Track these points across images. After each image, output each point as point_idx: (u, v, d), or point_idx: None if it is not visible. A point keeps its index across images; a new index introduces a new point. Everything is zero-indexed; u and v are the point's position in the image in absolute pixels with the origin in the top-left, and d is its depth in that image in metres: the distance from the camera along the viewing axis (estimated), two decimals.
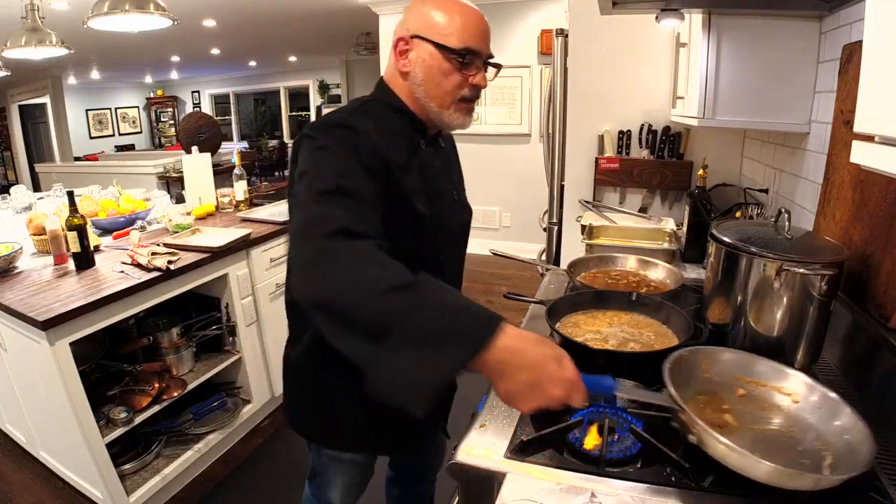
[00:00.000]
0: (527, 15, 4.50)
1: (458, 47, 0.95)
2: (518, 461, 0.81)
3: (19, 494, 2.02)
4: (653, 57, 2.07)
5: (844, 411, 0.79)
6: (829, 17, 1.31)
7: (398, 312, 0.66)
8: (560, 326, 1.16)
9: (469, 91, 0.99)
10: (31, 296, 1.74)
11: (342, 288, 0.68)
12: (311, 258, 0.72)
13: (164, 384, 2.02)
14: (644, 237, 1.88)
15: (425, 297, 0.68)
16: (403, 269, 0.70)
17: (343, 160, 0.85)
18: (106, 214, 2.56)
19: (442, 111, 1.00)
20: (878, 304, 0.97)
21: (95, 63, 8.09)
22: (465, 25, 0.96)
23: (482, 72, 1.00)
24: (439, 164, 1.08)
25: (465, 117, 1.02)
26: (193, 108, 11.59)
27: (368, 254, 0.72)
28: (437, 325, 0.65)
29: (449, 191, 1.11)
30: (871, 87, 0.61)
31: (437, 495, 1.82)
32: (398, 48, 0.99)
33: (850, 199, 1.12)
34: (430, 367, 0.64)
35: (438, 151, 1.10)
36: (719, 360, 0.93)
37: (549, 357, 0.69)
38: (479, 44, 0.97)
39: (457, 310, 0.68)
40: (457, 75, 0.97)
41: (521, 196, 4.85)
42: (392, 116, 1.01)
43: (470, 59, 0.96)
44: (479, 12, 1.00)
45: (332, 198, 0.78)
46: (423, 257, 0.97)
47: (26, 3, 2.82)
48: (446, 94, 0.98)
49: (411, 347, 0.64)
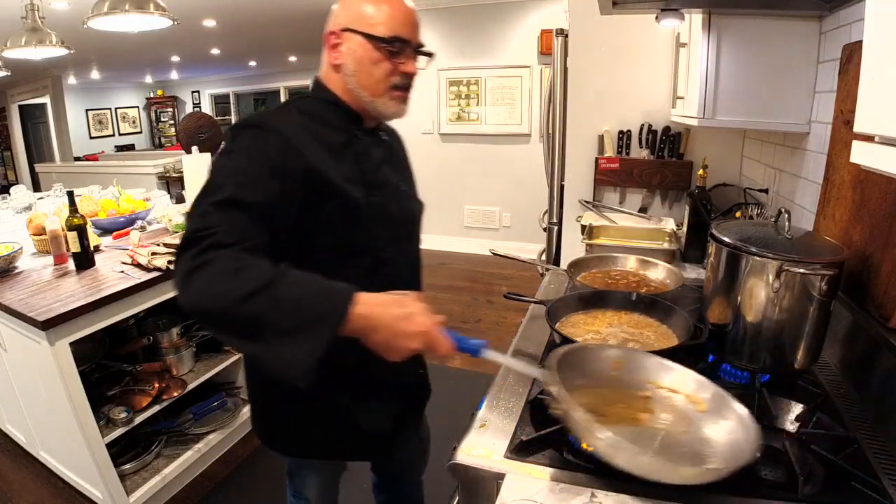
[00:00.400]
0: (527, 15, 4.50)
1: (386, 36, 0.97)
2: (518, 461, 0.81)
3: (19, 494, 2.02)
4: (653, 57, 2.07)
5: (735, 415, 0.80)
6: (829, 17, 1.31)
7: (261, 314, 0.74)
8: (560, 326, 1.16)
9: (400, 79, 1.01)
10: (31, 296, 1.74)
11: (209, 301, 0.76)
12: (184, 273, 0.77)
13: (164, 384, 2.02)
14: (644, 237, 1.88)
15: (281, 294, 0.75)
16: (261, 270, 0.76)
17: (246, 167, 0.87)
18: (106, 214, 2.56)
19: (375, 100, 1.01)
20: (878, 304, 0.97)
21: (95, 63, 8.09)
22: (393, 15, 0.98)
23: (412, 60, 1.02)
24: (380, 155, 1.09)
25: (399, 105, 1.03)
26: (193, 108, 11.59)
27: (229, 263, 0.76)
28: (297, 316, 0.75)
29: (393, 181, 1.11)
30: (871, 87, 0.61)
31: (437, 495, 1.81)
32: (329, 42, 1.01)
33: (850, 199, 1.12)
34: (304, 349, 0.74)
35: (379, 143, 1.11)
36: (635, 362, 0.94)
37: (398, 317, 0.78)
38: (407, 32, 0.99)
39: (312, 296, 0.76)
40: (387, 63, 0.99)
41: (521, 196, 4.85)
42: (325, 109, 1.03)
43: (399, 47, 0.98)
44: (407, 2, 1.01)
45: (219, 210, 0.82)
46: (365, 250, 1.02)
47: (26, 3, 2.82)
48: (378, 82, 0.99)
49: (283, 338, 0.74)
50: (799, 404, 0.91)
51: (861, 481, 0.73)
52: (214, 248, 0.77)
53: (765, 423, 0.87)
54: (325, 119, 1.01)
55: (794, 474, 0.73)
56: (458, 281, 4.38)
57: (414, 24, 1.01)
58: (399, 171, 1.16)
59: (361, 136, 1.05)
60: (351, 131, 1.04)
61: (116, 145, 10.89)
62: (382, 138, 1.12)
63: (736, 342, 1.02)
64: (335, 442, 1.12)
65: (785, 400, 0.93)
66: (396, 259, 1.09)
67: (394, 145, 1.18)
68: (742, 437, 0.76)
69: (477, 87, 4.81)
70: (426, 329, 0.79)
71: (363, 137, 1.05)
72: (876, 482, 0.74)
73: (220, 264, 0.76)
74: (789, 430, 0.86)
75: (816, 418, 0.88)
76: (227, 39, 6.71)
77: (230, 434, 2.30)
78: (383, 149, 1.11)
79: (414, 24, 1.01)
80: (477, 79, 4.78)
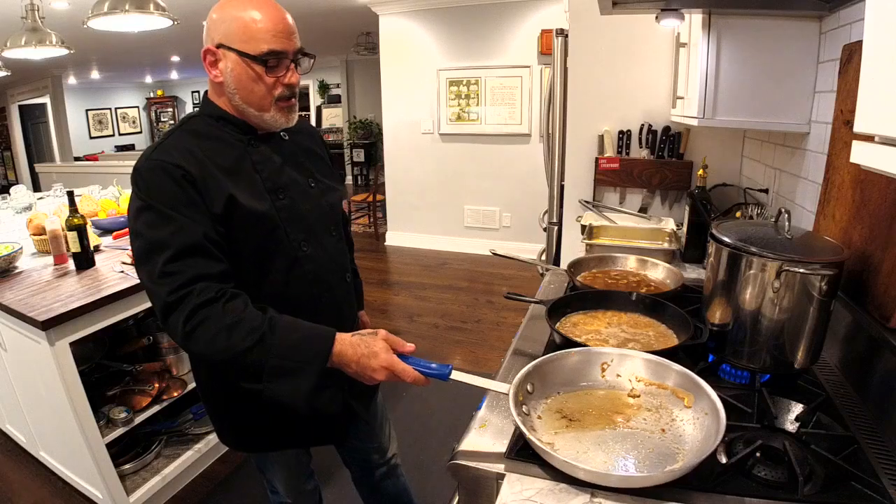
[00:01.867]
0: (527, 15, 4.50)
1: (261, 52, 0.96)
2: (518, 461, 0.81)
3: (19, 494, 2.02)
4: (653, 57, 2.07)
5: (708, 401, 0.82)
6: (829, 17, 1.31)
7: (260, 363, 0.90)
8: (560, 326, 1.16)
9: (283, 91, 1.01)
10: (31, 296, 1.74)
11: (213, 355, 0.91)
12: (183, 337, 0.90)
13: (164, 384, 2.02)
14: (644, 237, 1.88)
15: (274, 344, 0.90)
16: (252, 325, 0.90)
17: (170, 212, 0.92)
18: (106, 214, 2.56)
19: (262, 114, 1.02)
20: (878, 304, 0.97)
21: (95, 63, 8.09)
22: (265, 28, 0.96)
23: (292, 69, 1.01)
24: (281, 158, 1.09)
25: (288, 115, 1.05)
26: (193, 108, 11.59)
27: (222, 321, 0.89)
28: (291, 360, 0.90)
29: (300, 180, 1.11)
30: (871, 87, 0.61)
31: (437, 495, 1.81)
32: (207, 60, 1.00)
33: (850, 199, 1.12)
34: (298, 385, 0.91)
35: (279, 145, 1.10)
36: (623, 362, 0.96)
37: (362, 355, 0.91)
38: (282, 44, 0.97)
39: (300, 342, 0.91)
40: (267, 79, 0.99)
41: (521, 196, 4.85)
42: (214, 126, 1.04)
43: (275, 61, 0.98)
44: (279, 9, 0.99)
45: (176, 264, 0.90)
46: (281, 252, 1.06)
47: (26, 3, 2.82)
48: (261, 98, 1.00)
49: (281, 378, 0.90)
50: (799, 404, 0.91)
51: (861, 481, 0.73)
52: (200, 309, 0.88)
53: (765, 422, 0.87)
54: (219, 136, 1.03)
55: (794, 474, 0.73)
56: (459, 281, 4.38)
57: (286, 33, 0.99)
58: (306, 168, 1.15)
59: (256, 144, 1.06)
60: (245, 143, 1.04)
61: (116, 145, 10.90)
62: (283, 138, 1.12)
63: (736, 342, 1.02)
64: (281, 432, 1.17)
65: (785, 400, 0.93)
66: (314, 255, 1.11)
67: (299, 141, 1.17)
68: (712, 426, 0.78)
69: (477, 87, 4.81)
70: (386, 365, 0.90)
71: (258, 146, 1.06)
72: (876, 482, 0.73)
73: (214, 324, 0.88)
74: (789, 430, 0.86)
75: (816, 418, 0.88)
76: None
77: None
78: (284, 150, 1.11)
79: (286, 33, 0.99)
80: (477, 79, 4.78)
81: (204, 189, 0.95)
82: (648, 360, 0.95)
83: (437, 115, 4.99)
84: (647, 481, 0.72)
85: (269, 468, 1.31)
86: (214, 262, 0.93)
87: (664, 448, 0.80)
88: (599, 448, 0.80)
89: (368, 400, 1.33)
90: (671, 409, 0.88)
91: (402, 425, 2.42)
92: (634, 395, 0.92)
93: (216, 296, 0.90)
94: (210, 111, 1.05)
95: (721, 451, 0.80)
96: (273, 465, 1.30)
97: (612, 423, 0.86)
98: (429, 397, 2.64)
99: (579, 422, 0.86)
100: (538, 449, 0.76)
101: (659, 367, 0.93)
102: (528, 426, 0.82)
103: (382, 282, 4.45)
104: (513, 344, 1.24)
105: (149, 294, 0.94)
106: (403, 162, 5.21)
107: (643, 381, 0.94)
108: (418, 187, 5.21)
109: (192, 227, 0.92)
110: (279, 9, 1.00)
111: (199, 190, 0.94)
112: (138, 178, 0.95)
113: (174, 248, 0.90)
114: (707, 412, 0.82)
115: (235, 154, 1.03)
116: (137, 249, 0.94)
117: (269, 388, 0.91)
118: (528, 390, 0.90)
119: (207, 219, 0.94)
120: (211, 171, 0.97)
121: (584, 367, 0.96)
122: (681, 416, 0.86)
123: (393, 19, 4.91)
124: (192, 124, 1.04)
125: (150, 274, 0.92)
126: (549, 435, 0.84)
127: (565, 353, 0.97)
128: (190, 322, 0.88)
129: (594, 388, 0.95)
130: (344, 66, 9.10)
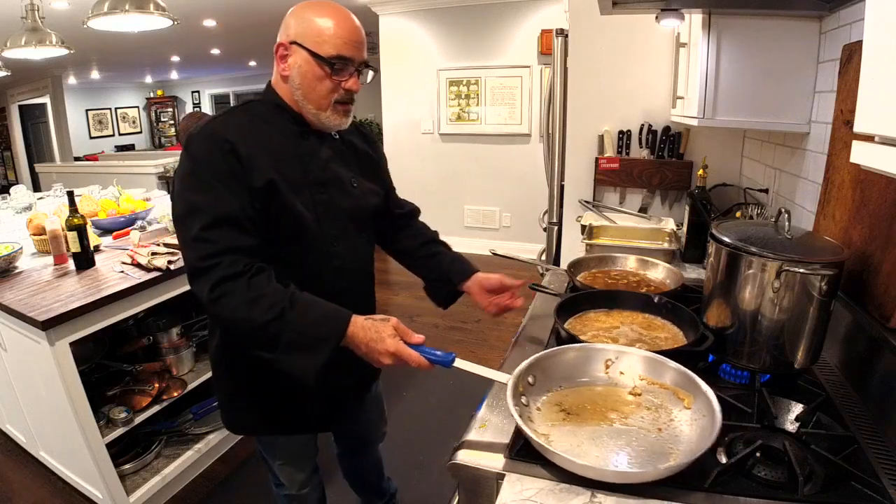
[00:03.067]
0: (527, 15, 4.49)
1: (330, 55, 1.03)
2: (518, 461, 0.81)
3: (19, 494, 2.02)
4: (653, 57, 2.07)
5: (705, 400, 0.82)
6: (829, 17, 1.31)
7: (278, 336, 0.94)
8: (569, 325, 1.17)
9: (343, 95, 1.08)
10: (31, 296, 1.74)
11: (235, 324, 0.97)
12: (208, 303, 0.96)
13: (164, 384, 2.02)
14: (644, 237, 1.88)
15: (293, 320, 0.95)
16: (274, 299, 0.95)
17: (212, 180, 0.98)
18: (106, 214, 2.56)
19: (319, 113, 1.08)
20: (878, 304, 0.97)
21: (95, 63, 8.09)
22: (339, 34, 1.03)
23: (355, 77, 1.08)
24: (328, 153, 1.15)
25: (342, 118, 1.11)
26: (193, 108, 11.58)
27: (245, 295, 0.94)
28: (307, 336, 0.95)
29: (343, 177, 1.17)
30: (871, 87, 0.61)
31: (437, 495, 1.82)
32: (279, 53, 1.07)
33: (850, 199, 1.12)
34: (310, 361, 0.95)
35: (331, 143, 1.17)
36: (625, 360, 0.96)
37: (371, 339, 0.96)
38: (350, 51, 1.04)
39: (318, 320, 0.97)
40: (329, 81, 1.05)
41: (521, 196, 4.85)
42: (273, 113, 1.10)
43: (341, 65, 1.05)
44: (353, 21, 1.07)
45: (211, 232, 0.96)
46: (312, 244, 1.11)
47: (26, 3, 2.82)
48: (322, 97, 1.07)
49: (295, 352, 0.95)
50: (799, 404, 0.91)
51: (861, 481, 0.73)
52: (225, 282, 0.94)
53: (765, 422, 0.87)
54: (274, 122, 1.09)
55: (794, 474, 0.73)
56: None
57: (358, 43, 1.06)
58: (353, 167, 1.20)
59: (307, 137, 1.12)
60: (296, 134, 1.10)
61: (116, 145, 10.89)
62: (334, 137, 1.18)
63: (736, 342, 1.02)
64: (281, 418, 1.23)
65: (785, 400, 0.93)
66: (343, 253, 1.16)
67: (353, 142, 1.23)
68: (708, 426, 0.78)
69: (477, 87, 4.81)
70: (393, 350, 0.95)
71: (309, 139, 1.12)
72: (876, 482, 0.73)
73: (237, 297, 0.94)
74: (789, 430, 0.86)
75: (816, 418, 0.88)
76: (227, 39, 6.71)
77: (230, 434, 2.29)
78: (332, 147, 1.17)
79: (358, 43, 1.06)
80: (477, 79, 4.78)
81: (248, 165, 1.00)
82: (647, 358, 0.95)
83: (437, 115, 4.99)
84: (637, 477, 0.72)
85: (275, 457, 1.35)
86: (246, 236, 0.98)
87: (658, 447, 0.80)
88: (593, 443, 0.81)
89: (363, 387, 1.38)
90: (670, 410, 0.88)
91: (402, 425, 2.42)
92: (636, 394, 0.92)
93: (243, 269, 0.95)
94: (270, 98, 1.11)
95: (721, 451, 0.80)
96: (279, 454, 1.34)
97: (610, 419, 0.86)
98: (429, 397, 2.64)
99: (577, 416, 0.87)
100: (533, 441, 0.77)
101: (657, 364, 0.93)
102: (526, 417, 0.83)
103: (382, 282, 4.47)
104: (512, 345, 1.24)
105: (181, 252, 1.03)
106: (403, 162, 5.21)
107: (645, 380, 0.94)
108: (418, 187, 5.20)
109: (229, 199, 0.97)
110: (354, 21, 1.07)
111: (242, 165, 0.99)
112: (189, 145, 1.01)
113: (210, 216, 0.96)
114: (705, 414, 0.82)
115: (285, 142, 1.09)
116: (177, 209, 1.00)
117: (281, 360, 0.96)
118: (529, 382, 0.90)
119: (246, 194, 0.99)
120: (257, 151, 1.02)
121: (586, 362, 0.97)
122: (679, 416, 0.86)
123: (393, 19, 4.91)
124: (251, 107, 1.11)
125: (185, 236, 0.98)
126: (546, 426, 0.84)
127: (567, 348, 0.98)
128: (215, 291, 0.94)
129: (595, 384, 0.95)
130: None
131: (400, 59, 4.98)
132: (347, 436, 1.58)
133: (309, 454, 1.38)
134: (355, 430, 1.56)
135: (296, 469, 1.37)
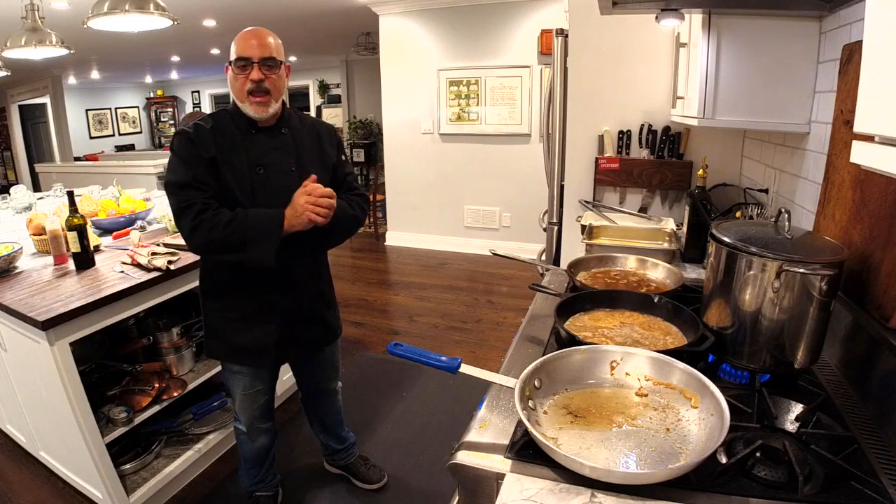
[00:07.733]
0: (527, 15, 4.50)
1: (234, 59, 1.43)
2: (518, 461, 0.81)
3: (19, 494, 2.02)
4: (653, 57, 2.07)
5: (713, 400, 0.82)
6: (829, 17, 1.31)
7: (241, 238, 1.39)
8: (569, 325, 1.17)
9: (251, 85, 1.42)
10: (31, 296, 1.74)
11: (211, 241, 1.39)
12: (190, 230, 1.39)
13: (164, 384, 2.02)
14: (644, 237, 1.88)
15: (248, 225, 1.39)
16: (234, 220, 1.39)
17: (186, 162, 1.42)
18: (106, 214, 2.56)
19: (244, 105, 1.46)
20: (878, 305, 0.97)
21: (95, 63, 8.08)
22: (239, 43, 1.43)
23: (255, 70, 1.42)
24: (273, 145, 1.51)
25: (258, 108, 1.45)
26: (193, 108, 11.58)
27: (216, 219, 1.38)
28: (259, 233, 1.40)
29: (281, 162, 1.51)
30: (871, 87, 0.61)
31: (437, 495, 1.82)
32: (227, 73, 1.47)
33: (850, 199, 1.12)
34: (268, 248, 1.40)
35: (275, 137, 1.52)
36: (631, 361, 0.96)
37: (294, 214, 1.42)
38: (248, 52, 1.41)
39: (263, 221, 1.41)
40: (239, 76, 1.43)
41: (521, 196, 4.85)
42: (228, 117, 1.50)
43: (243, 63, 1.42)
44: (255, 30, 1.44)
45: (183, 189, 1.40)
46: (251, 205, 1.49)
47: (26, 3, 2.82)
48: (239, 91, 1.45)
49: (255, 245, 1.39)
50: (799, 404, 0.91)
51: (861, 481, 0.73)
52: (202, 213, 1.39)
53: (765, 422, 0.87)
54: (229, 123, 1.49)
55: (794, 474, 0.73)
56: (459, 281, 4.38)
57: (254, 45, 1.41)
58: (294, 155, 1.54)
59: (255, 132, 1.50)
60: (245, 131, 1.48)
61: (116, 145, 10.89)
62: (282, 132, 1.54)
63: (736, 342, 1.02)
64: (231, 350, 1.60)
65: (785, 400, 0.93)
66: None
67: (300, 136, 1.57)
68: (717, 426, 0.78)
69: (477, 87, 4.81)
70: (302, 202, 1.41)
71: (257, 133, 1.50)
72: (876, 482, 0.74)
73: (208, 222, 1.38)
74: (789, 430, 0.86)
75: (816, 418, 0.88)
76: (226, 39, 6.68)
77: (230, 434, 2.29)
78: (276, 139, 1.52)
79: (254, 45, 1.41)
80: (477, 79, 4.78)
81: (200, 147, 1.42)
82: (653, 359, 0.94)
83: (437, 115, 4.99)
84: (648, 478, 0.72)
85: (229, 383, 1.68)
86: (203, 192, 1.41)
87: (668, 447, 0.80)
88: (603, 445, 0.80)
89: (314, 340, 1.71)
90: (678, 409, 0.87)
91: (402, 425, 2.42)
92: (642, 395, 0.92)
93: (207, 206, 1.40)
94: (230, 106, 1.52)
95: (721, 451, 0.80)
96: (232, 382, 1.66)
97: (617, 421, 0.86)
98: (429, 397, 2.64)
99: (584, 419, 0.86)
100: (542, 444, 0.76)
101: (664, 365, 0.93)
102: (533, 421, 0.83)
103: (382, 282, 4.44)
104: (512, 345, 1.24)
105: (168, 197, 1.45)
106: (403, 162, 5.21)
107: (651, 381, 0.93)
108: (418, 187, 5.21)
109: (189, 171, 1.41)
110: (256, 31, 1.44)
111: (196, 148, 1.42)
112: (173, 137, 1.47)
113: (181, 181, 1.41)
114: (713, 413, 0.82)
115: (234, 137, 1.48)
116: (166, 175, 1.47)
117: (248, 255, 1.39)
118: (535, 385, 0.90)
119: (201, 168, 1.42)
120: (208, 139, 1.44)
121: (592, 364, 0.96)
122: (687, 416, 0.86)
123: (393, 19, 4.91)
124: (215, 115, 1.52)
125: (169, 191, 1.43)
126: (554, 430, 0.84)
127: (573, 351, 0.97)
128: (193, 221, 1.38)
129: (602, 386, 0.94)
130: (344, 66, 9.10)
131: (400, 59, 4.98)
132: (304, 381, 1.91)
133: (260, 393, 1.68)
134: (309, 377, 1.89)
135: (248, 405, 1.68)
